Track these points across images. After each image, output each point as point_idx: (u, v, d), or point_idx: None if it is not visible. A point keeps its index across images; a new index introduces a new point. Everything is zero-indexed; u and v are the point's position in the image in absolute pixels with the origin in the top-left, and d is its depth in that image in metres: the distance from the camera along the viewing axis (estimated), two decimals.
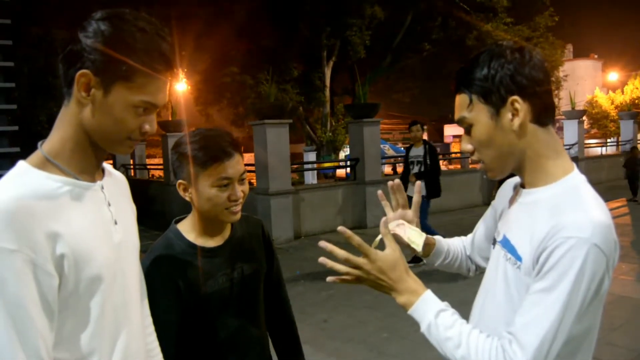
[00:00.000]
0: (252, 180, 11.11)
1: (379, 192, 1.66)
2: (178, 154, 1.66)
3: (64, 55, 1.17)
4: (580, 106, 19.22)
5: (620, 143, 20.64)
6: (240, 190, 1.65)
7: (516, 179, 1.45)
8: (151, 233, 8.22)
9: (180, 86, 20.57)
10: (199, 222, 1.71)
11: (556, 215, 1.17)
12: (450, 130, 42.80)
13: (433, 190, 7.69)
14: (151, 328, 1.51)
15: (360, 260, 1.32)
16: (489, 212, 1.62)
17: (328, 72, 19.16)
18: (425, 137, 7.39)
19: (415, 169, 7.74)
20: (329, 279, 1.34)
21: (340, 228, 1.33)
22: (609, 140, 27.30)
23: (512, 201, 1.41)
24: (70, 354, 1.16)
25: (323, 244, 1.31)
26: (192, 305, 1.65)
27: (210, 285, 1.68)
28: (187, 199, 1.68)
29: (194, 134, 1.65)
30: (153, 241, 1.75)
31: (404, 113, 34.84)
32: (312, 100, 19.58)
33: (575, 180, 1.26)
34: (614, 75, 40.33)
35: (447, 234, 1.71)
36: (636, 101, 36.87)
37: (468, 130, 1.33)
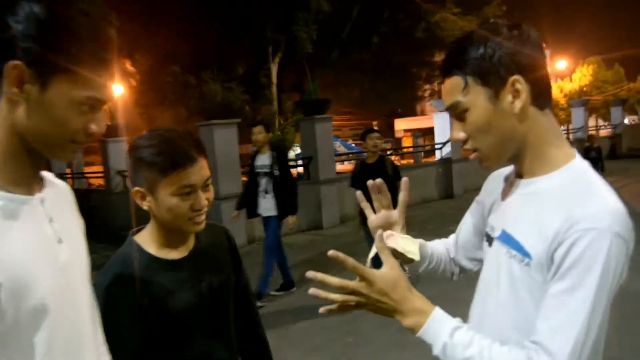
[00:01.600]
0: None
1: (358, 192, 1.57)
2: (134, 159, 1.54)
3: None
4: None
5: (571, 131, 21.36)
6: (205, 198, 1.57)
7: (504, 170, 1.41)
8: (95, 246, 7.95)
9: (118, 88, 20.06)
10: (160, 232, 1.63)
11: (568, 206, 1.12)
12: (401, 125, 43.50)
13: (286, 206, 6.37)
14: (108, 357, 1.38)
15: (356, 284, 1.21)
16: (474, 208, 1.56)
17: (274, 69, 19.07)
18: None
19: (263, 183, 6.36)
20: (322, 310, 1.22)
21: (330, 253, 1.20)
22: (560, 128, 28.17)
23: (506, 193, 1.35)
24: None
25: (311, 274, 1.18)
26: (158, 327, 1.56)
27: (178, 301, 1.59)
28: (145, 208, 1.58)
29: (152, 136, 1.55)
30: (97, 256, 1.63)
31: (354, 108, 35.11)
32: (259, 99, 19.44)
33: (581, 166, 1.22)
34: (562, 64, 41.67)
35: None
36: (584, 89, 38.31)
37: (460, 116, 1.26)
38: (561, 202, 1.14)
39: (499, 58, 1.19)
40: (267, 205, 6.36)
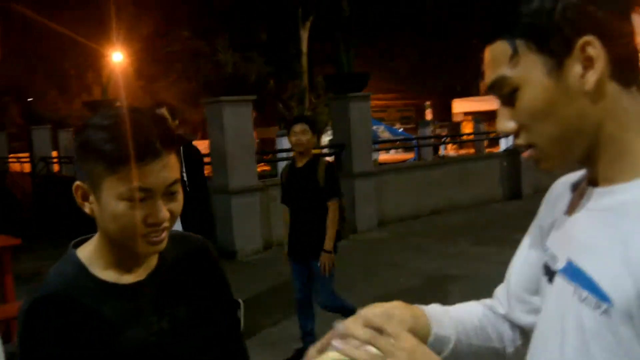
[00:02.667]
0: (209, 175, 10.94)
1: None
2: (79, 143, 1.41)
3: None
4: None
5: None
6: (166, 210, 1.40)
7: (572, 177, 1.26)
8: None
9: (116, 56, 20.31)
10: (107, 248, 1.49)
11: None
12: (460, 106, 42.93)
13: (197, 226, 4.54)
14: None
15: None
16: (534, 234, 1.34)
17: (305, 36, 19.08)
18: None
19: None
20: None
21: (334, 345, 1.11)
22: None
23: (574, 208, 1.17)
24: None
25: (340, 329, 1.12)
26: None
27: (128, 340, 1.46)
28: (87, 211, 1.44)
29: (108, 116, 1.40)
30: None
31: (402, 85, 34.85)
32: (286, 72, 19.50)
33: None
34: None
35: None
36: None
37: (509, 98, 1.09)
38: None
39: (563, 12, 1.02)
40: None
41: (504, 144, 15.02)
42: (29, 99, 25.37)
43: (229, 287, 1.79)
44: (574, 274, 1.09)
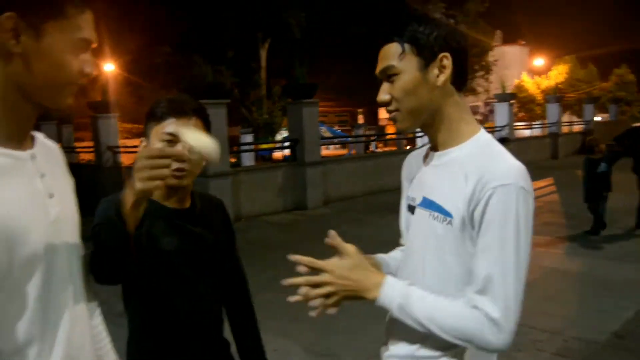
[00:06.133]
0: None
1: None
2: (146, 115, 1.67)
3: None
4: (508, 90, 20.03)
5: (546, 125, 21.58)
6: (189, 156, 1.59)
7: (419, 152, 1.53)
8: (85, 219, 7.91)
9: (109, 66, 19.82)
10: None
11: (479, 170, 1.25)
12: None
13: None
14: (97, 310, 1.40)
15: (319, 277, 1.30)
16: (402, 195, 1.60)
17: (263, 54, 19.01)
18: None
19: None
20: (293, 299, 1.31)
21: (294, 257, 1.30)
22: (534, 123, 28.49)
23: (422, 166, 1.46)
24: (5, 343, 1.03)
25: (295, 258, 1.30)
26: (149, 261, 1.54)
27: (170, 243, 1.63)
28: None
29: (163, 98, 1.69)
30: (87, 228, 1.59)
31: (340, 95, 34.96)
32: (248, 82, 19.36)
33: (485, 138, 1.36)
34: (540, 61, 41.99)
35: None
36: (560, 86, 38.65)
37: (390, 79, 1.35)
38: (472, 167, 1.27)
39: (436, 36, 1.31)
40: None
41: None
42: None
43: (234, 231, 1.95)
44: (428, 204, 1.36)
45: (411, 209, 1.45)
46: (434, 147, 1.41)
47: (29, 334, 1.05)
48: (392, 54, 1.34)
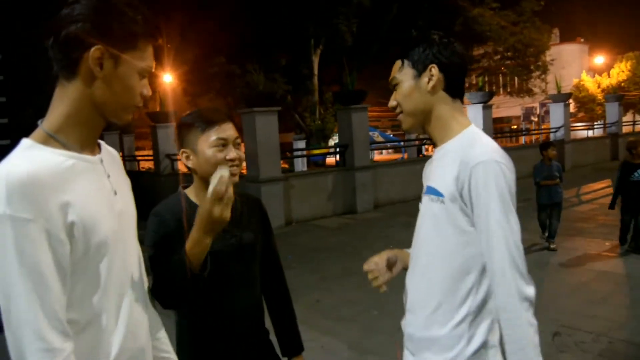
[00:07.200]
0: (242, 170, 11.14)
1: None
2: (180, 128, 1.82)
3: (63, 38, 1.20)
4: (566, 90, 19.41)
5: (606, 125, 20.89)
6: (235, 152, 1.77)
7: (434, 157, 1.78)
8: (142, 223, 8.27)
9: (167, 77, 20.51)
10: (202, 187, 1.80)
11: (462, 154, 1.53)
12: None
13: None
14: (146, 286, 1.57)
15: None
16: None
17: (316, 61, 19.13)
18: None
19: None
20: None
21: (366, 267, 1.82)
22: (595, 123, 27.54)
23: (431, 163, 1.75)
24: (81, 315, 1.25)
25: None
26: None
27: (215, 245, 1.66)
28: (190, 165, 1.81)
29: (192, 111, 1.86)
30: (144, 232, 1.78)
31: None
32: (301, 89, 19.55)
33: (473, 130, 1.63)
34: (600, 59, 40.47)
35: None
36: (622, 84, 37.19)
37: (395, 88, 1.70)
38: (458, 154, 1.55)
39: (427, 53, 1.63)
40: None
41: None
42: None
43: (271, 226, 2.07)
44: (430, 190, 1.64)
45: (421, 199, 1.73)
46: (434, 145, 1.71)
47: (99, 307, 1.28)
48: (396, 69, 1.70)
